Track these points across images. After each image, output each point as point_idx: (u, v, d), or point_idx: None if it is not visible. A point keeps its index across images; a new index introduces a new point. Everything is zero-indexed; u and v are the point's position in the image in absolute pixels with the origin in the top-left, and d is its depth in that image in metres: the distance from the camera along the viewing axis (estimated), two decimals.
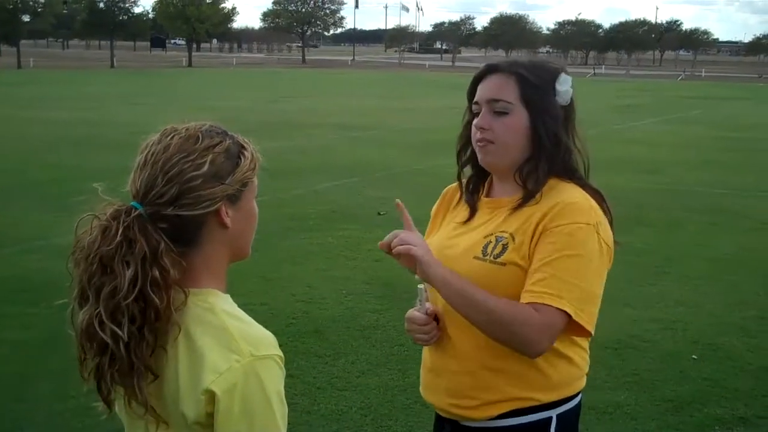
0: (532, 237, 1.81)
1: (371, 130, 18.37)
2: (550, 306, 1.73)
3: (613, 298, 6.19)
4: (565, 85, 1.89)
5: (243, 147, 1.43)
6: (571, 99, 1.91)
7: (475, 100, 1.92)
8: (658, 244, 7.97)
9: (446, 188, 2.15)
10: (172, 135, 1.38)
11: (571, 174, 1.90)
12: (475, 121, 1.91)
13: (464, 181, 2.05)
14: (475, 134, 1.90)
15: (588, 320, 1.77)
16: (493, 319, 1.76)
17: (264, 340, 1.35)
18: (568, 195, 1.84)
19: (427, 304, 1.95)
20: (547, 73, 1.89)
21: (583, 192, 1.87)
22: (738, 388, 4.51)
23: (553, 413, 1.88)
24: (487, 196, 2.00)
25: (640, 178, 12.06)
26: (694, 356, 4.98)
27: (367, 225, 8.21)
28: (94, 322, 1.30)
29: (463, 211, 2.02)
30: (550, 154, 1.86)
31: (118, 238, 1.31)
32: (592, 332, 1.81)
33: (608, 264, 1.86)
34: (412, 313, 1.96)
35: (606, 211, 1.88)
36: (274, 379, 1.33)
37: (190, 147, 1.36)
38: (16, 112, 20.63)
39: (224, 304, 1.40)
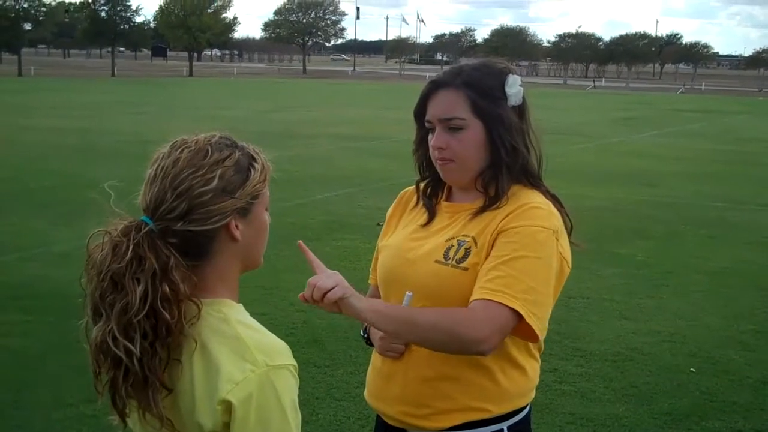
0: (492, 238, 1.79)
1: (371, 140, 18.38)
2: (503, 304, 1.69)
3: (612, 311, 6.26)
4: (514, 87, 1.84)
5: (253, 158, 1.42)
6: (523, 97, 1.87)
7: (427, 118, 1.88)
8: (657, 257, 7.97)
9: (403, 190, 2.13)
10: (181, 148, 1.37)
11: (532, 179, 1.89)
12: (431, 141, 1.88)
13: (422, 185, 2.02)
14: (434, 153, 1.88)
15: (539, 325, 1.73)
16: (435, 329, 1.70)
17: (278, 350, 1.37)
18: (530, 199, 1.83)
19: None
20: (495, 79, 1.85)
21: (545, 198, 1.86)
22: (736, 402, 4.51)
23: (504, 425, 1.87)
24: (447, 200, 1.98)
25: (639, 190, 12.03)
26: (692, 369, 4.97)
27: (367, 235, 8.20)
28: (108, 338, 1.31)
29: (422, 215, 1.99)
30: (508, 163, 1.85)
31: (129, 255, 1.31)
32: (541, 338, 1.78)
33: (563, 276, 1.83)
34: None
35: (565, 217, 1.87)
36: (289, 389, 1.34)
37: (199, 161, 1.35)
38: (16, 120, 20.64)
39: (238, 313, 1.41)
